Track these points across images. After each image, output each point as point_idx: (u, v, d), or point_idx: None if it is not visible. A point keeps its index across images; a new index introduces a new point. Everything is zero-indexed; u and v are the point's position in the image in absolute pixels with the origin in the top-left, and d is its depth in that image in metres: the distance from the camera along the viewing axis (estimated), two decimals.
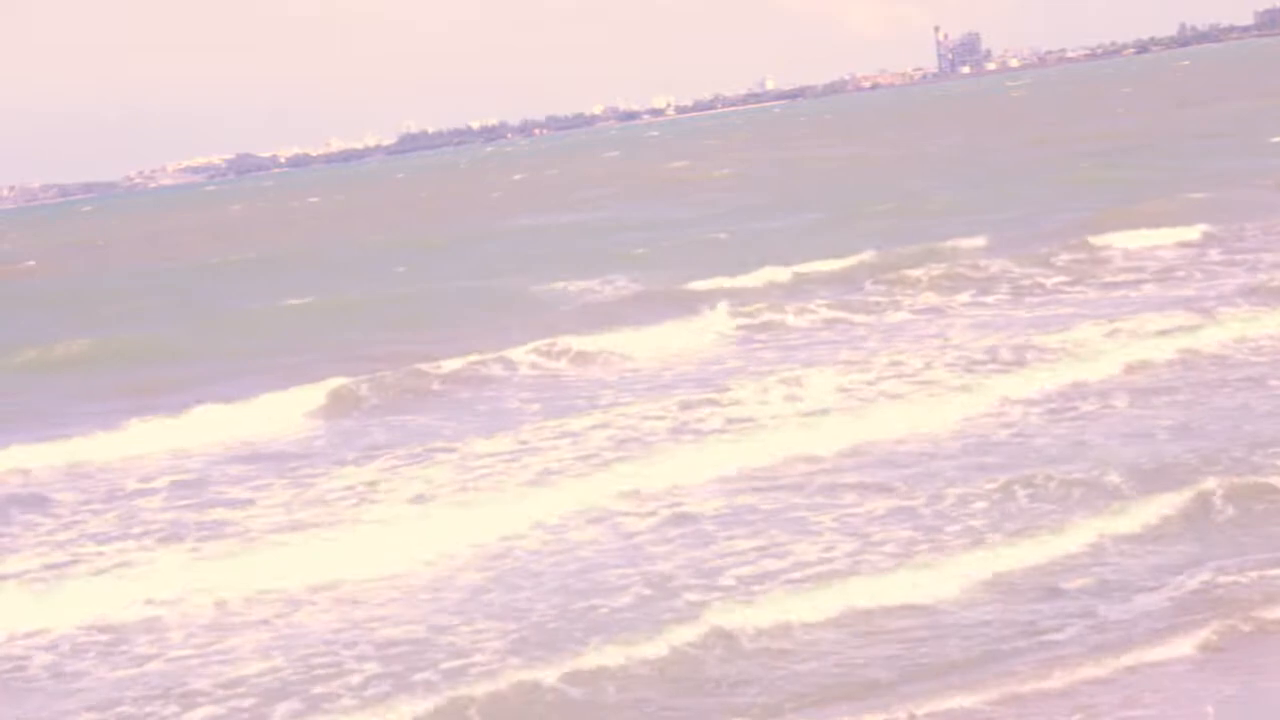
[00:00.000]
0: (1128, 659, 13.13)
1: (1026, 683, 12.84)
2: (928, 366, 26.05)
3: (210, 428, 26.65)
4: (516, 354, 31.10)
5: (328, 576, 17.40)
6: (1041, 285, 34.84)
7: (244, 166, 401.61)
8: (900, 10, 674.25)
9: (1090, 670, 13.02)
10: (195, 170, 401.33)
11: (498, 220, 78.17)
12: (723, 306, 34.16)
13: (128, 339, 40.30)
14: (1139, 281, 33.94)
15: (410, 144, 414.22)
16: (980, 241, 42.26)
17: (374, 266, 56.96)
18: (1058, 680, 12.87)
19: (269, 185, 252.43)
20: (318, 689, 14.29)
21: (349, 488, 21.69)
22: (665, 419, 23.99)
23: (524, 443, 23.33)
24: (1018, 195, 56.57)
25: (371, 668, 14.65)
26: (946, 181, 66.95)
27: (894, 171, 77.66)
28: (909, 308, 33.91)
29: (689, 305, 35.37)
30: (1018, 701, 12.58)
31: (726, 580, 16.09)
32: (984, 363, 25.86)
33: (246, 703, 14.14)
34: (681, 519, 18.60)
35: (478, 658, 14.53)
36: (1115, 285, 33.87)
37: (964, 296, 34.47)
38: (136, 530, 20.60)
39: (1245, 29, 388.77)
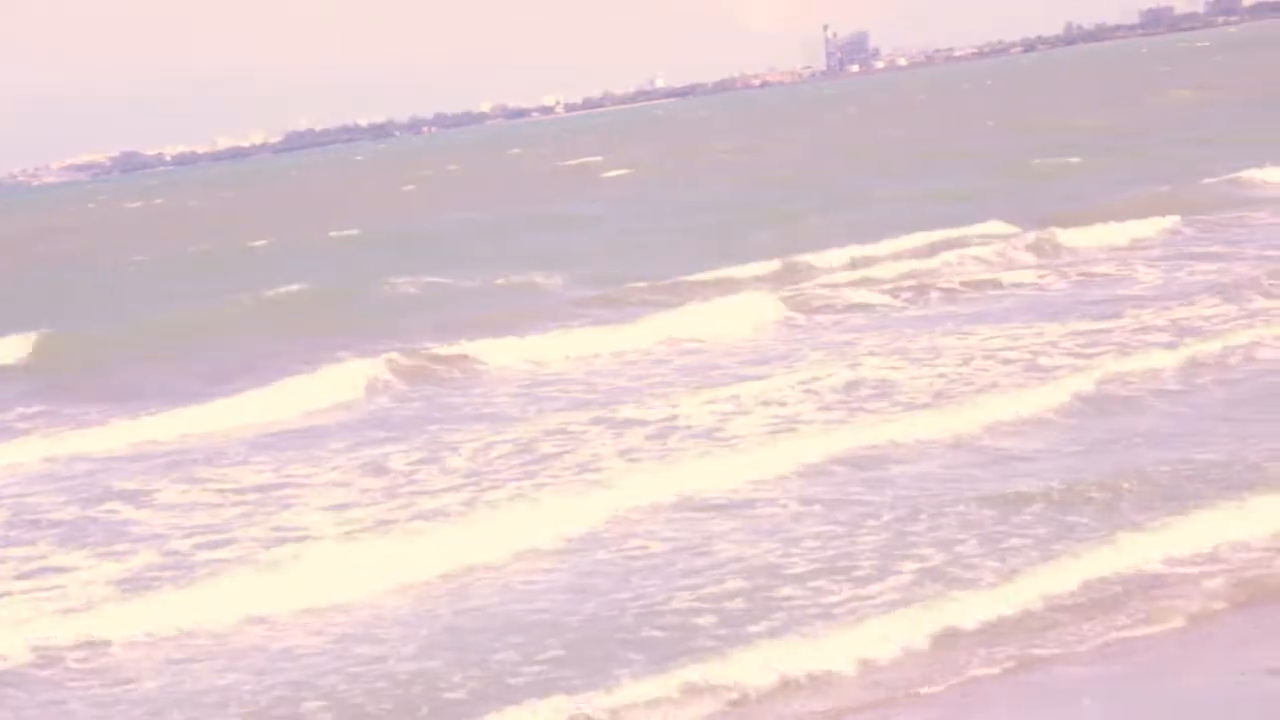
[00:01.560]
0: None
1: None
2: (1034, 355, 25.17)
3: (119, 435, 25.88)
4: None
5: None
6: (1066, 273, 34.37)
7: (129, 164, 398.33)
8: (789, 9, 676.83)
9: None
10: (80, 168, 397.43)
11: (422, 216, 77.22)
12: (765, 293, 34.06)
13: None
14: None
15: (297, 141, 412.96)
16: (1002, 227, 42.14)
17: (310, 263, 55.15)
18: None
19: (154, 184, 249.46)
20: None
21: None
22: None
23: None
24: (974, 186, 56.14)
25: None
26: (898, 175, 66.51)
27: (840, 166, 76.76)
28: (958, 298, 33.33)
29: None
30: None
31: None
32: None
33: None
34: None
35: None
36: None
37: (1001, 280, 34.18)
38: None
39: (1131, 28, 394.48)
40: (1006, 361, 24.89)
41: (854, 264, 38.83)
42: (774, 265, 39.67)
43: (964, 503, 17.25)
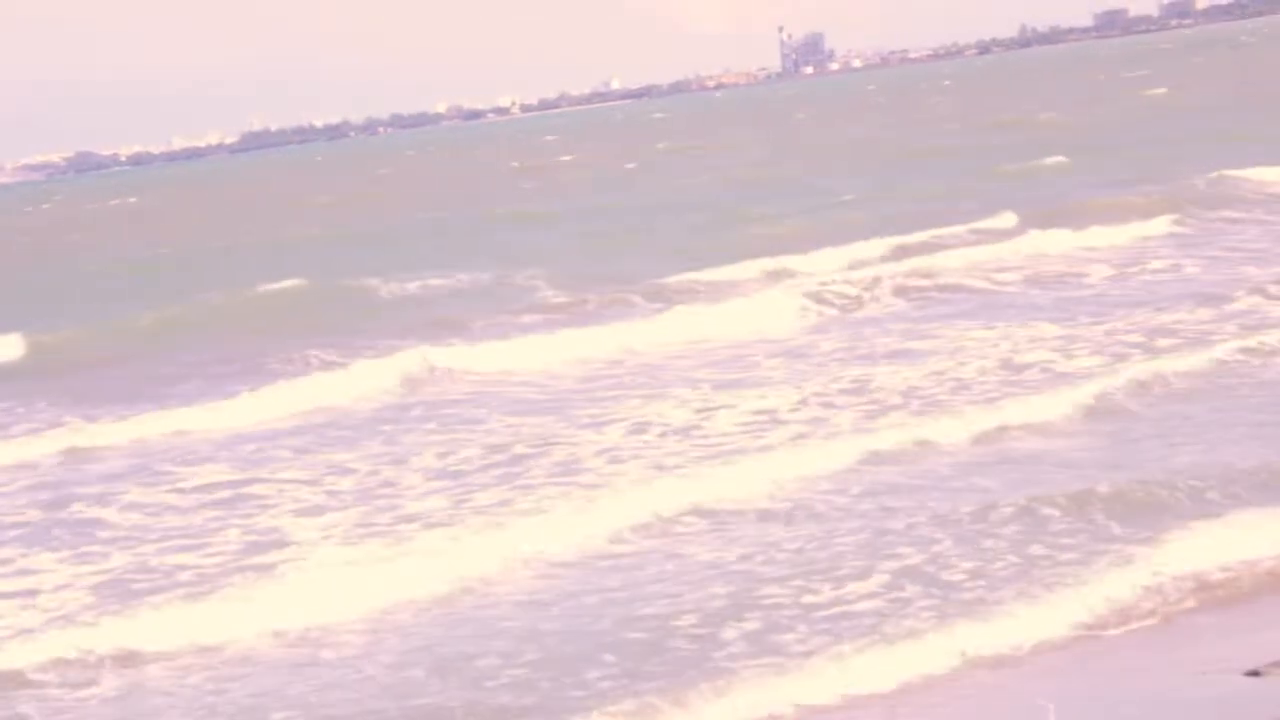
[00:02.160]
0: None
1: None
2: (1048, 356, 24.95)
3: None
4: None
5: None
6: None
7: (84, 165, 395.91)
8: (744, 10, 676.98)
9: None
10: (34, 168, 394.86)
11: (390, 216, 76.68)
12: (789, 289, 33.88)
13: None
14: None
15: (253, 142, 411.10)
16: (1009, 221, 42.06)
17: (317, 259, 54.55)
18: None
19: (111, 184, 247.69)
20: None
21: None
22: None
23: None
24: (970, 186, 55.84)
25: None
26: (872, 176, 65.85)
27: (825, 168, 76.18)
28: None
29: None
30: None
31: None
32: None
33: None
34: None
35: None
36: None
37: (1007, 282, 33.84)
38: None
39: (1085, 30, 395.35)
40: (1012, 364, 24.68)
41: (850, 265, 38.09)
42: (760, 267, 39.11)
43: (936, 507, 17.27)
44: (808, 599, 14.80)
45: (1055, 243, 37.74)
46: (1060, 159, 60.33)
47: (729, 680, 12.95)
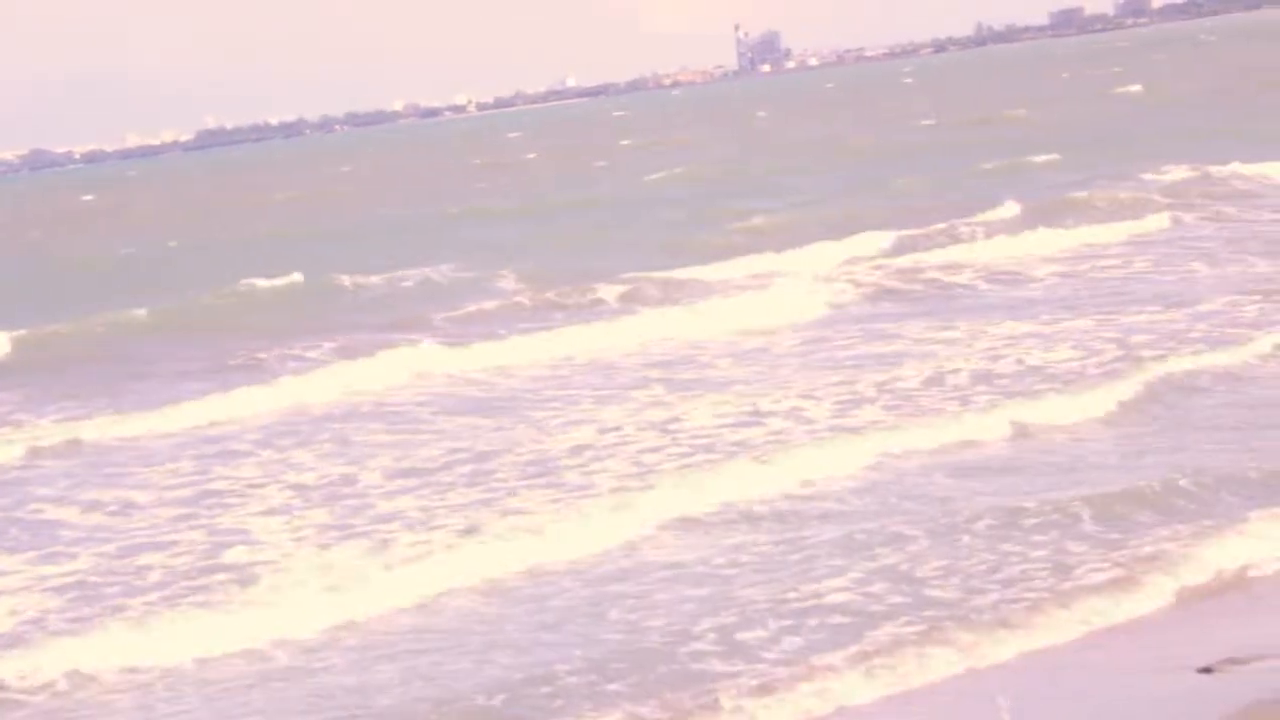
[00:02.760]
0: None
1: None
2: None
3: None
4: None
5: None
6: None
7: (39, 163, 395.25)
8: (700, 9, 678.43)
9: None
10: None
11: (355, 212, 76.50)
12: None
13: None
14: None
15: (209, 140, 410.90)
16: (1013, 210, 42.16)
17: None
18: None
19: (68, 182, 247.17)
20: None
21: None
22: None
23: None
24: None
25: None
26: (850, 174, 65.37)
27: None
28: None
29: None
30: None
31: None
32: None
33: None
34: None
35: None
36: None
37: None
38: None
39: (1040, 29, 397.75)
40: (993, 360, 24.39)
41: (835, 262, 37.65)
42: (737, 264, 38.69)
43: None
44: (783, 598, 14.62)
45: (1045, 240, 37.35)
46: (1051, 155, 59.80)
47: (707, 687, 12.75)
